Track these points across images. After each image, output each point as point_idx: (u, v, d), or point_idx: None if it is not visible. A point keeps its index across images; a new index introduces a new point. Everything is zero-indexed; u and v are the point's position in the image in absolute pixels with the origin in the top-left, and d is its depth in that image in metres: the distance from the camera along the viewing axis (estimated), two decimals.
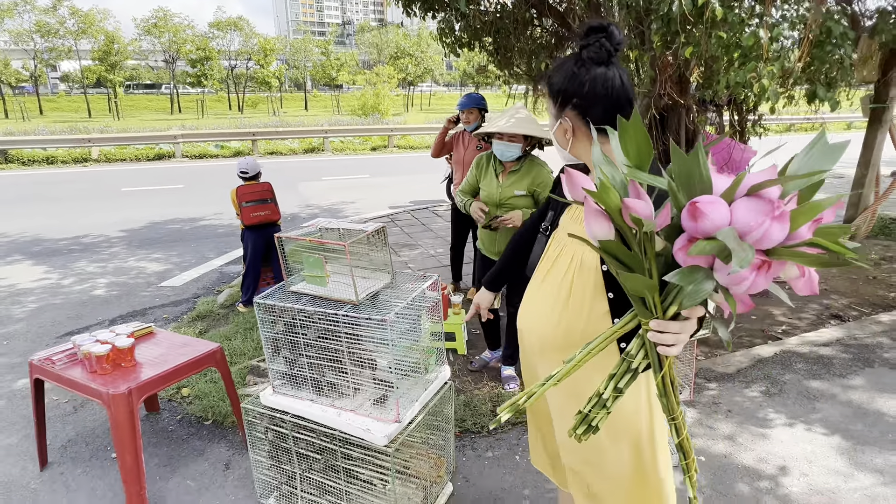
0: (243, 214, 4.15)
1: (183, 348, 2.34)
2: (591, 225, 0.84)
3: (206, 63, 35.72)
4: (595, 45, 1.15)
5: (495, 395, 2.97)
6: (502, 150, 2.76)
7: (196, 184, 10.92)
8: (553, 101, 1.23)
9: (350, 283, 1.83)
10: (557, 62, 1.26)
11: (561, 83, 1.20)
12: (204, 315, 4.26)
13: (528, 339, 1.38)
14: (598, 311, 1.22)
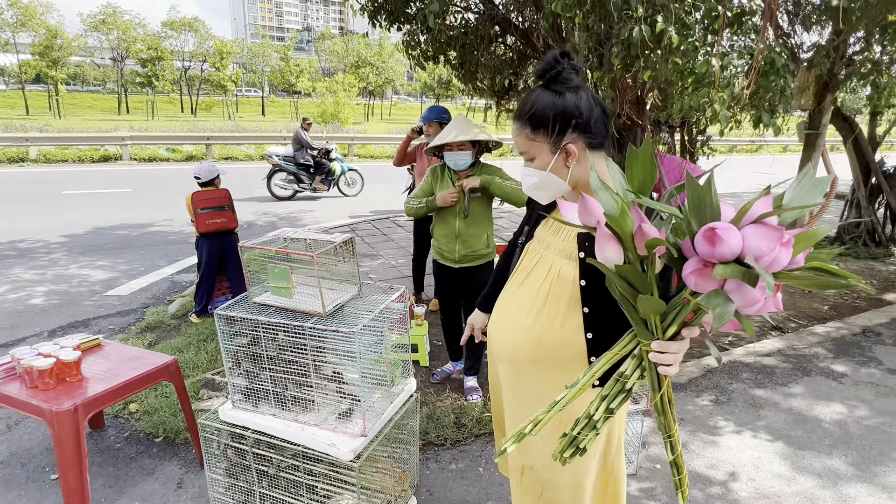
0: (198, 221, 4.01)
1: (134, 361, 2.23)
2: (605, 250, 0.86)
3: (157, 63, 34.42)
4: (568, 69, 1.21)
5: (458, 407, 2.98)
6: (455, 159, 2.83)
7: (145, 188, 10.47)
8: (548, 131, 1.21)
9: (317, 295, 1.80)
10: (529, 100, 1.24)
11: (551, 115, 1.20)
12: (153, 326, 4.07)
13: (498, 346, 1.40)
14: (571, 323, 1.26)
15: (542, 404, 1.34)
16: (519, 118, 1.26)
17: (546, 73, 1.21)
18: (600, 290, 1.22)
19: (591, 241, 1.23)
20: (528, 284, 1.34)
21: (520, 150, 1.29)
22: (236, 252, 4.31)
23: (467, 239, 2.93)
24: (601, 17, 2.64)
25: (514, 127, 1.28)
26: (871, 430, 2.71)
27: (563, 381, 1.30)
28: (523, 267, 1.39)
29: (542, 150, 1.24)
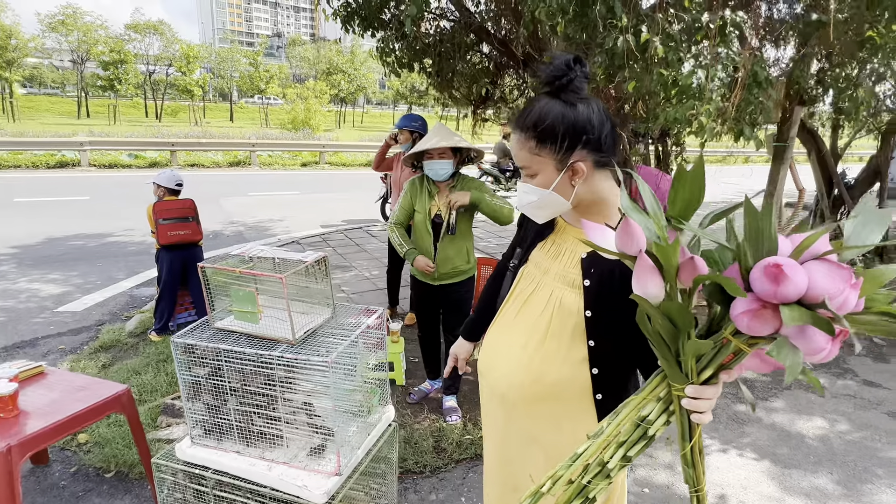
0: (159, 232, 3.78)
1: (81, 392, 2.01)
2: (647, 284, 0.75)
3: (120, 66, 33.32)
4: (580, 76, 1.08)
5: (437, 430, 2.84)
6: (436, 169, 2.70)
7: (105, 196, 9.99)
8: (556, 147, 1.08)
9: (286, 319, 1.65)
10: (535, 109, 1.09)
11: (562, 128, 1.06)
12: (109, 345, 3.80)
13: (492, 381, 1.27)
14: (574, 357, 1.14)
15: (536, 447, 1.22)
16: (522, 129, 1.11)
17: (556, 80, 1.07)
18: (607, 322, 1.12)
19: (596, 268, 1.12)
20: (525, 314, 1.22)
21: (520, 163, 1.15)
22: (193, 269, 4.10)
23: (448, 256, 2.81)
24: (583, 27, 2.58)
25: (515, 138, 1.14)
26: (853, 446, 2.70)
27: (563, 422, 1.19)
28: (519, 294, 1.26)
29: (547, 166, 1.11)
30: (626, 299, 1.07)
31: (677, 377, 0.82)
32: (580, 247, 1.17)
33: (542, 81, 1.11)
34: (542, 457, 1.22)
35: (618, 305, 1.09)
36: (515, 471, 1.28)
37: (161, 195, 3.90)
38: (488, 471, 1.40)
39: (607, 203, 1.16)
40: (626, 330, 1.10)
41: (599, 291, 1.12)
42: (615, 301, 1.09)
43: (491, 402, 1.30)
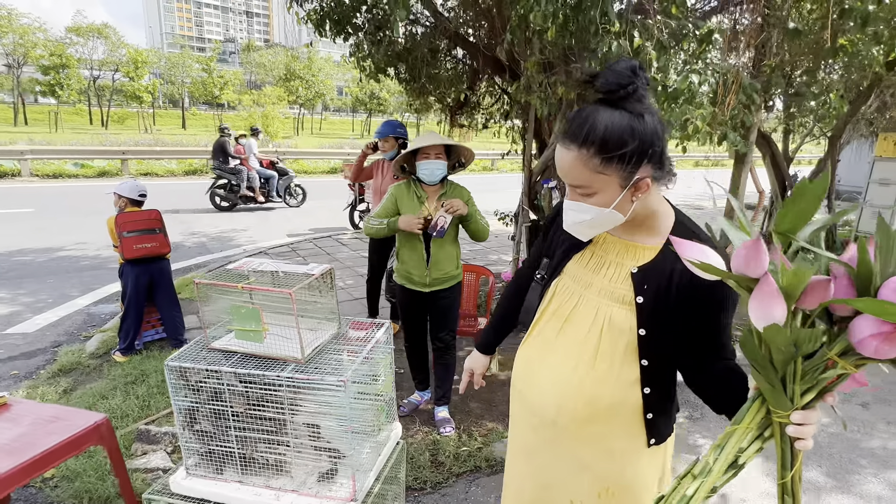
0: (124, 246, 3.54)
1: (53, 424, 1.83)
2: (772, 308, 0.70)
3: (62, 71, 31.58)
4: (643, 84, 0.99)
5: (431, 443, 2.76)
6: (431, 169, 2.64)
7: (51, 208, 9.39)
8: (624, 163, 0.98)
9: (289, 336, 1.54)
10: (596, 122, 0.97)
11: (631, 143, 0.96)
12: (69, 368, 3.52)
13: (537, 404, 1.19)
14: (626, 377, 1.08)
15: (587, 473, 1.16)
16: (584, 144, 0.98)
17: (621, 88, 0.96)
18: (661, 340, 1.07)
19: (650, 284, 1.06)
20: (569, 333, 1.14)
21: (575, 182, 1.03)
22: (168, 280, 3.87)
23: (438, 262, 2.75)
24: (573, 32, 2.58)
25: (571, 155, 1.00)
26: (836, 439, 2.79)
27: (615, 445, 1.13)
28: (558, 310, 1.18)
29: (611, 184, 1.00)
30: (681, 315, 1.04)
31: (782, 404, 0.78)
32: (626, 259, 1.11)
33: (601, 90, 0.99)
34: (591, 483, 1.16)
35: (673, 322, 1.05)
36: (555, 496, 1.21)
37: (123, 206, 3.66)
38: (517, 494, 1.33)
39: (657, 215, 1.10)
40: (679, 346, 1.07)
41: (654, 308, 1.06)
42: (670, 317, 1.05)
43: (531, 423, 1.22)
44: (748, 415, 0.83)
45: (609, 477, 1.14)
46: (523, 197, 4.51)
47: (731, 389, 1.00)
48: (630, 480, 1.14)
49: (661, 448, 1.17)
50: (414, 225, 2.58)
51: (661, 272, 1.06)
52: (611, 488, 1.14)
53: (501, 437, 2.80)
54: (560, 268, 1.21)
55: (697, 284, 0.98)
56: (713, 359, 1.06)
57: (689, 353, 1.07)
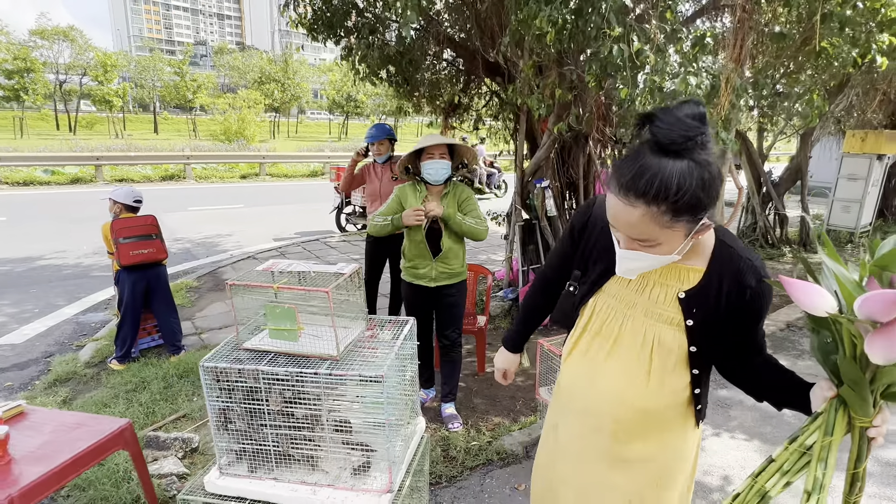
0: (120, 252, 3.49)
1: (76, 430, 1.82)
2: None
3: (27, 75, 30.56)
4: (708, 133, 0.93)
5: (441, 439, 2.81)
6: (436, 168, 2.68)
7: (24, 216, 9.12)
8: (694, 216, 0.95)
9: (320, 335, 1.58)
10: (670, 183, 0.90)
11: (704, 198, 0.93)
12: (65, 378, 3.46)
13: (596, 418, 1.22)
14: (678, 386, 1.15)
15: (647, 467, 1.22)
16: (652, 201, 0.91)
17: (689, 140, 0.90)
18: (710, 353, 1.14)
19: (699, 308, 1.09)
20: (618, 353, 1.18)
21: (639, 236, 0.98)
22: (165, 286, 3.83)
23: (444, 258, 2.80)
24: (571, 36, 2.67)
25: (638, 213, 0.94)
26: None
27: (667, 439, 1.21)
28: (602, 330, 1.20)
29: (677, 236, 0.97)
30: (729, 329, 1.09)
31: (866, 410, 0.87)
32: (670, 280, 1.12)
33: (663, 140, 0.91)
34: (650, 476, 1.22)
35: (722, 336, 1.11)
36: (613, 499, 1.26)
37: (118, 212, 3.62)
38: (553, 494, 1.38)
39: (699, 241, 1.10)
40: (726, 353, 1.14)
41: (704, 329, 1.10)
42: (719, 333, 1.10)
43: (586, 434, 1.25)
44: (836, 425, 0.90)
45: (664, 470, 1.22)
46: (516, 196, 4.59)
47: (772, 380, 1.11)
48: (680, 465, 1.24)
49: (699, 428, 1.26)
50: (413, 216, 2.62)
51: (708, 295, 1.08)
52: (663, 477, 1.22)
53: (509, 431, 2.87)
54: (598, 285, 1.21)
55: (745, 302, 1.05)
56: (753, 356, 1.14)
57: (733, 355, 1.15)
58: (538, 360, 2.71)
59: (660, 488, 1.23)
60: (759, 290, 1.06)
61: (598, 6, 2.33)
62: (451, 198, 2.79)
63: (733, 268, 1.07)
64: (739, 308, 1.07)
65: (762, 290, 1.06)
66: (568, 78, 3.10)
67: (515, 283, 4.82)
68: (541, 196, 4.42)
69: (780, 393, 1.10)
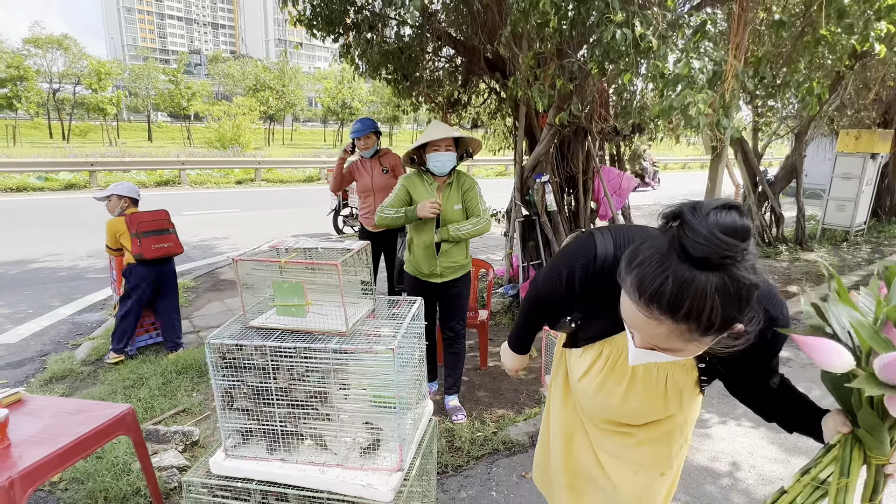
0: (143, 246, 3.48)
1: (78, 415, 1.78)
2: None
3: (20, 84, 30.45)
4: (752, 250, 0.79)
5: (445, 431, 2.77)
6: (442, 160, 2.68)
7: (17, 221, 9.03)
8: (725, 331, 0.84)
9: (327, 313, 1.56)
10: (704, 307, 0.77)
11: (735, 311, 0.80)
12: (61, 375, 3.41)
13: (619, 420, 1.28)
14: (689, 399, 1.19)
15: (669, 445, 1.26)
16: (682, 320, 0.79)
17: (726, 257, 0.75)
18: (722, 376, 1.15)
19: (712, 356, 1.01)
20: (635, 390, 1.17)
21: (666, 346, 0.88)
22: (174, 281, 3.82)
23: (447, 251, 2.78)
24: (573, 23, 2.68)
25: (664, 328, 0.82)
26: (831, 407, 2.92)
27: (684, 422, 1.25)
28: (617, 370, 1.17)
29: (705, 345, 0.87)
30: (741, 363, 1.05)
31: (883, 450, 0.87)
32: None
33: (695, 254, 0.76)
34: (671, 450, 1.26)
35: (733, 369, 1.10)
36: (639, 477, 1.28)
37: (124, 206, 3.60)
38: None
39: None
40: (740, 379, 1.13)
41: (715, 367, 1.12)
42: (730, 367, 1.10)
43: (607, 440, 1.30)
44: (853, 466, 0.89)
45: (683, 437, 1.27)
46: (515, 192, 4.59)
47: (784, 403, 1.09)
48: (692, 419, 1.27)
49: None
50: (429, 208, 2.61)
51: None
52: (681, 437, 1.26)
53: (514, 422, 2.84)
54: (605, 335, 1.17)
55: (762, 344, 0.98)
56: (766, 380, 1.11)
57: (747, 382, 1.13)
58: (543, 350, 2.69)
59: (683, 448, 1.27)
60: (773, 329, 0.98)
61: None
62: (454, 188, 2.79)
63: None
64: (756, 348, 0.96)
65: (782, 324, 0.99)
66: (568, 69, 3.11)
67: (516, 279, 4.80)
68: (540, 191, 4.42)
69: (792, 417, 1.07)
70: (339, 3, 4.16)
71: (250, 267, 1.61)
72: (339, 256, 1.56)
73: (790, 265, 6.75)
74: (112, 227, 3.53)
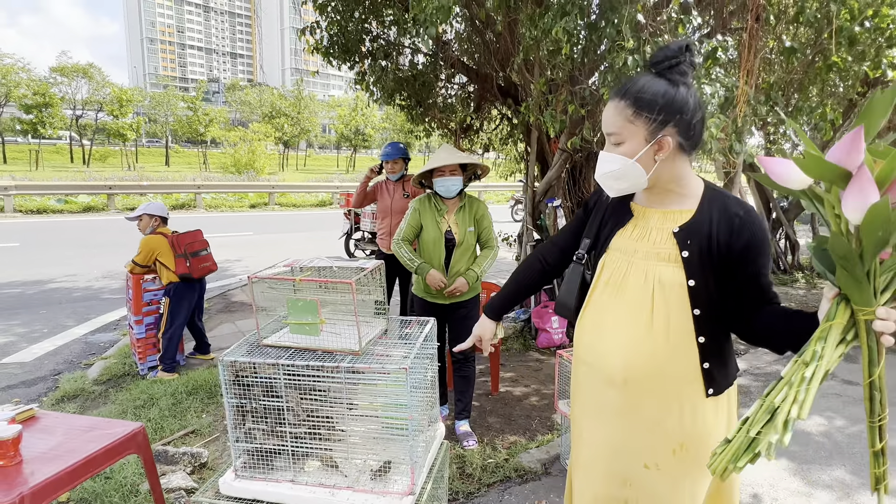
0: (192, 267, 3.66)
1: (89, 433, 1.78)
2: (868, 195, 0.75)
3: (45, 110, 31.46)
4: (686, 62, 1.14)
5: (456, 457, 2.72)
6: (447, 185, 2.73)
7: (37, 242, 9.22)
8: (651, 118, 1.12)
9: (340, 332, 1.56)
10: (638, 81, 1.15)
11: (661, 102, 1.11)
12: (73, 394, 3.42)
13: (605, 367, 1.24)
14: (682, 328, 1.16)
15: (659, 431, 1.20)
16: (622, 96, 1.15)
17: (666, 60, 1.14)
18: (710, 289, 1.16)
19: (693, 238, 1.16)
20: (624, 298, 1.22)
21: (610, 130, 1.19)
22: (203, 297, 3.94)
23: (458, 272, 2.80)
24: (585, 50, 2.72)
25: (611, 105, 1.18)
26: (854, 439, 2.83)
27: (678, 398, 1.18)
28: (610, 280, 1.27)
29: (637, 135, 1.15)
30: (725, 263, 1.13)
31: (867, 300, 0.83)
32: (666, 224, 1.21)
33: (651, 62, 1.18)
34: (664, 441, 1.20)
35: (719, 269, 1.15)
36: (628, 461, 1.24)
37: (155, 225, 3.71)
38: (589, 465, 1.35)
39: (686, 184, 1.21)
40: (727, 295, 1.16)
41: (700, 260, 1.15)
42: (715, 266, 1.14)
43: (600, 388, 1.27)
44: (838, 313, 0.87)
45: (680, 432, 1.19)
46: (527, 217, 4.60)
47: (788, 325, 1.08)
48: (700, 433, 1.19)
49: (724, 400, 1.22)
50: (436, 284, 2.73)
51: (700, 227, 1.16)
52: (684, 444, 1.18)
53: (526, 449, 2.78)
54: (606, 244, 1.30)
55: (735, 230, 1.12)
56: (761, 302, 1.14)
57: (738, 298, 1.15)
58: (556, 374, 2.65)
59: (678, 458, 1.19)
60: (747, 218, 1.13)
61: (613, 19, 2.39)
62: (466, 211, 2.82)
63: (721, 202, 1.17)
64: (732, 238, 1.13)
65: (751, 218, 1.14)
66: (580, 95, 3.15)
67: (527, 304, 4.77)
68: (552, 215, 4.42)
69: (786, 332, 1.08)
70: (355, 33, 4.28)
71: (265, 286, 1.62)
72: (353, 275, 1.57)
73: (807, 293, 6.64)
74: (149, 244, 3.63)
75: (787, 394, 0.86)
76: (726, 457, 0.92)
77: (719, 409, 1.21)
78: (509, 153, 5.21)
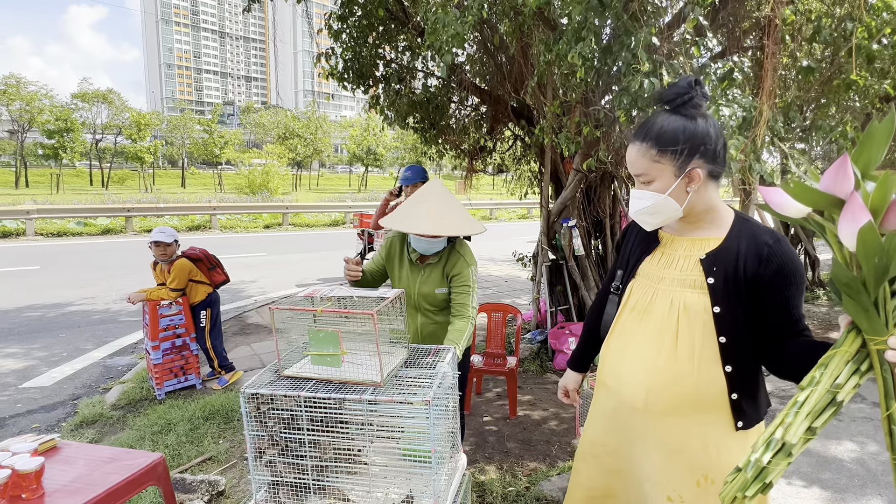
0: (214, 276, 4.05)
1: (110, 464, 1.77)
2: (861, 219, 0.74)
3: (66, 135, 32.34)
4: (699, 95, 1.17)
5: (476, 485, 2.67)
6: (426, 247, 2.13)
7: (56, 265, 9.38)
8: (676, 154, 1.15)
9: (362, 363, 1.54)
10: (656, 122, 1.17)
11: (682, 137, 1.14)
12: (91, 420, 3.43)
13: (627, 392, 1.24)
14: (707, 356, 1.14)
15: (681, 460, 1.18)
16: (643, 139, 1.19)
17: (678, 97, 1.17)
18: (735, 317, 1.14)
19: (719, 266, 1.16)
20: (648, 323, 1.22)
21: (637, 171, 1.22)
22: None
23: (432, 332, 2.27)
24: (599, 73, 2.73)
25: (633, 148, 1.21)
26: (888, 466, 2.73)
27: (702, 428, 1.16)
28: (636, 305, 1.27)
29: (666, 172, 1.17)
30: (752, 291, 1.12)
31: (877, 329, 0.80)
32: (693, 251, 1.22)
33: (664, 101, 1.20)
34: (687, 472, 1.18)
35: (745, 297, 1.14)
36: (651, 492, 1.21)
37: (175, 249, 3.89)
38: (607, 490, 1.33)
39: (716, 212, 1.22)
40: (755, 324, 1.14)
41: (726, 287, 1.14)
42: (742, 293, 1.13)
43: (622, 414, 1.27)
44: (846, 341, 0.85)
45: (704, 464, 1.17)
46: (542, 237, 4.58)
47: (812, 358, 1.03)
48: (726, 467, 1.15)
49: (753, 434, 1.18)
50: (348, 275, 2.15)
51: (727, 255, 1.16)
52: (709, 475, 1.16)
53: (547, 476, 2.72)
54: (634, 271, 1.32)
55: (763, 260, 1.12)
56: (790, 334, 1.12)
57: (765, 327, 1.14)
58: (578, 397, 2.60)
59: (703, 490, 1.17)
60: (777, 248, 1.13)
61: (628, 43, 2.40)
62: (440, 266, 2.19)
63: (750, 231, 1.17)
64: (760, 266, 1.12)
65: (781, 248, 1.13)
66: (594, 116, 3.15)
67: (543, 325, 4.73)
68: (568, 235, 4.40)
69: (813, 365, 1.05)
70: (369, 58, 4.35)
71: (286, 314, 1.62)
72: (373, 305, 1.56)
73: (829, 310, 6.50)
74: (185, 267, 3.82)
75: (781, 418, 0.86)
76: (735, 486, 0.90)
77: (747, 444, 1.17)
78: (522, 174, 5.22)
